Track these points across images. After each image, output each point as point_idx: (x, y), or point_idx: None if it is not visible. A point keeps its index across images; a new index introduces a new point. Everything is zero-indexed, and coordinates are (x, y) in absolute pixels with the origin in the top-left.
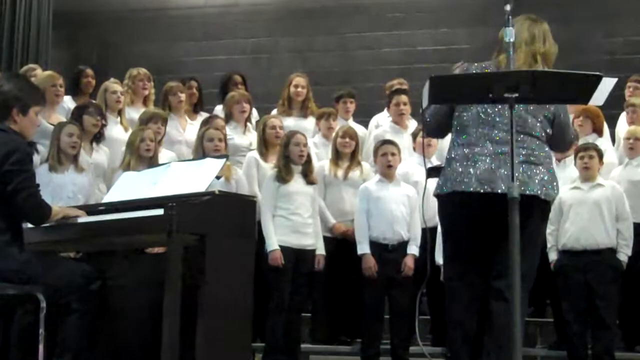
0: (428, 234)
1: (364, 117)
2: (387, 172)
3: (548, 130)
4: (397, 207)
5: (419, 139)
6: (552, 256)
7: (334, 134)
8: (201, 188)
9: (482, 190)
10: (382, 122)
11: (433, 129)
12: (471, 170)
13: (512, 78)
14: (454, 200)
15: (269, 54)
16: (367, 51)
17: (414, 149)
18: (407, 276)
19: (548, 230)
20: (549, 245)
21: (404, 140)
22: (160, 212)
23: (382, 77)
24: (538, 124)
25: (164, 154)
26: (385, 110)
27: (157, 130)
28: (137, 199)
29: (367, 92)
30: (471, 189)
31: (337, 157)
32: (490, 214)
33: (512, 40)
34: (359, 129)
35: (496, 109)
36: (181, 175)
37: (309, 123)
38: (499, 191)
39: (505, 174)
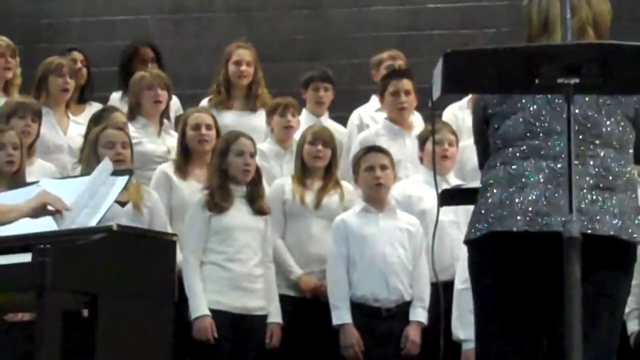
0: (441, 293)
1: (343, 112)
2: (374, 195)
3: (631, 134)
4: (393, 250)
5: (429, 145)
6: (632, 325)
7: (299, 138)
8: (91, 221)
9: (532, 229)
10: (370, 119)
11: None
12: (516, 199)
13: (571, 53)
14: (492, 246)
15: (197, 12)
16: (348, 9)
17: (421, 160)
18: (410, 356)
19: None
20: (626, 309)
21: (405, 148)
22: (26, 257)
23: (372, 49)
24: (617, 128)
25: (36, 167)
26: (374, 99)
27: (24, 130)
28: None
29: (348, 72)
30: (515, 228)
31: (303, 173)
32: (548, 266)
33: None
34: (338, 130)
35: (553, 108)
36: None
37: (259, 119)
38: (559, 229)
39: (566, 203)
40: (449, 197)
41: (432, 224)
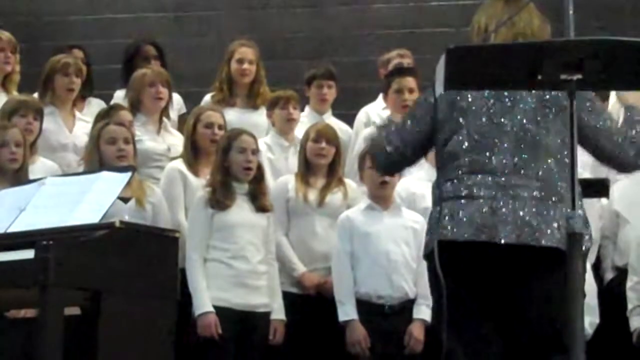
0: (444, 290)
1: (346, 110)
2: (379, 193)
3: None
4: (397, 247)
5: None
6: (635, 323)
7: (302, 136)
8: (94, 217)
9: (477, 239)
10: (377, 117)
11: (401, 159)
12: (463, 211)
13: (573, 49)
14: (442, 257)
15: (199, 10)
16: (351, 7)
17: (425, 157)
18: (413, 353)
19: (629, 284)
20: (629, 306)
21: None
22: (29, 254)
23: (375, 47)
24: (557, 139)
25: (38, 166)
26: (381, 98)
27: (26, 128)
28: None
29: (351, 70)
30: (461, 238)
31: (307, 171)
32: (493, 274)
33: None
34: (340, 128)
35: (496, 124)
36: (63, 197)
37: (261, 117)
38: (502, 240)
39: (512, 215)
40: None
41: None
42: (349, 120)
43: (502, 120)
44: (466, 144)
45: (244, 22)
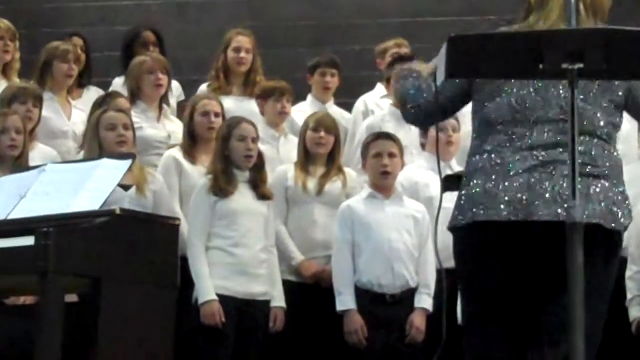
0: (444, 279)
1: (346, 98)
2: (381, 182)
3: (617, 121)
4: (399, 236)
5: (433, 132)
6: (635, 312)
7: (302, 125)
8: (94, 205)
9: (516, 218)
10: (375, 106)
11: (429, 111)
12: (500, 188)
13: (574, 39)
14: (476, 236)
15: None
16: None
17: (423, 146)
18: (414, 343)
19: (628, 274)
20: (629, 295)
21: (410, 134)
22: (29, 241)
23: (376, 36)
24: (601, 116)
25: (38, 152)
26: (379, 87)
27: (26, 116)
28: None
29: (352, 58)
30: (499, 218)
31: (306, 160)
32: (532, 254)
33: None
34: (343, 116)
35: (540, 96)
36: (63, 184)
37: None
38: (542, 218)
39: (550, 192)
40: (452, 183)
41: (436, 210)
42: (349, 109)
43: (548, 91)
44: (507, 114)
45: (244, 9)
